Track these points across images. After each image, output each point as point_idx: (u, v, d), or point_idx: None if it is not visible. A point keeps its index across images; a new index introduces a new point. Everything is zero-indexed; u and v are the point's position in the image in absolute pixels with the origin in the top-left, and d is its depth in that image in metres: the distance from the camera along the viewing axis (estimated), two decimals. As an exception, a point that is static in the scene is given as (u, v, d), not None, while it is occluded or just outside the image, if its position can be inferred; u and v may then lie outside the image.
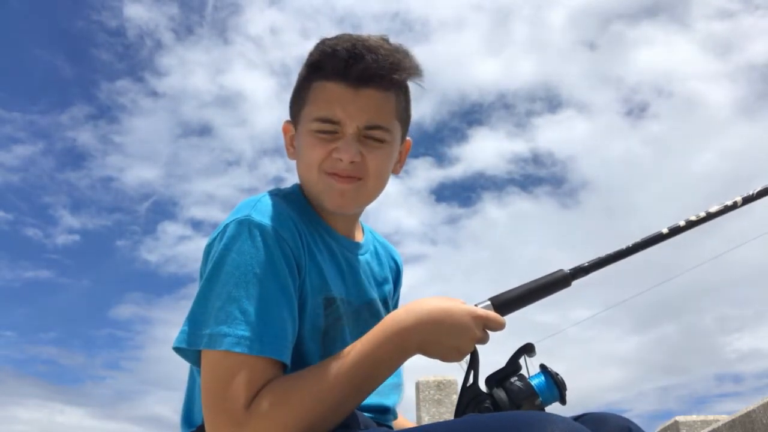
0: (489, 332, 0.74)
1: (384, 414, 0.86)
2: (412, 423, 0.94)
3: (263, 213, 0.75)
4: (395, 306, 1.01)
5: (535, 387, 0.73)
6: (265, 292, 0.71)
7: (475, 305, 0.75)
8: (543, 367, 0.76)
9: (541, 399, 0.73)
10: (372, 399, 0.78)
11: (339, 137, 0.80)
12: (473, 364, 0.74)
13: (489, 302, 0.77)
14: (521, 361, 0.75)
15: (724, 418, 3.39)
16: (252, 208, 0.75)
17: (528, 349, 0.76)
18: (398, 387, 0.91)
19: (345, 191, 0.82)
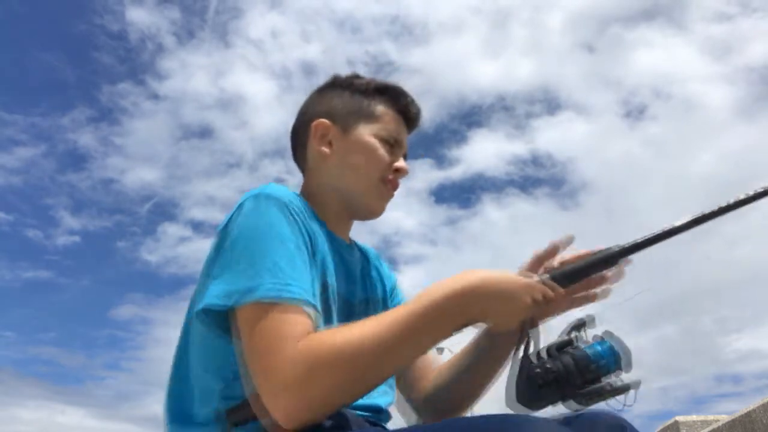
0: (544, 303, 0.74)
1: (377, 414, 0.86)
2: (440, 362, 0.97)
3: (276, 190, 0.78)
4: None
5: (591, 355, 0.71)
6: (289, 251, 0.72)
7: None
8: (606, 334, 0.74)
9: (597, 366, 0.71)
10: (364, 399, 0.78)
11: (395, 156, 0.93)
12: (526, 334, 0.73)
13: (542, 275, 0.77)
14: (579, 333, 0.74)
15: (724, 418, 3.39)
16: (265, 187, 0.78)
17: (583, 323, 0.75)
18: (392, 387, 0.92)
19: (389, 199, 0.93)
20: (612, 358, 0.72)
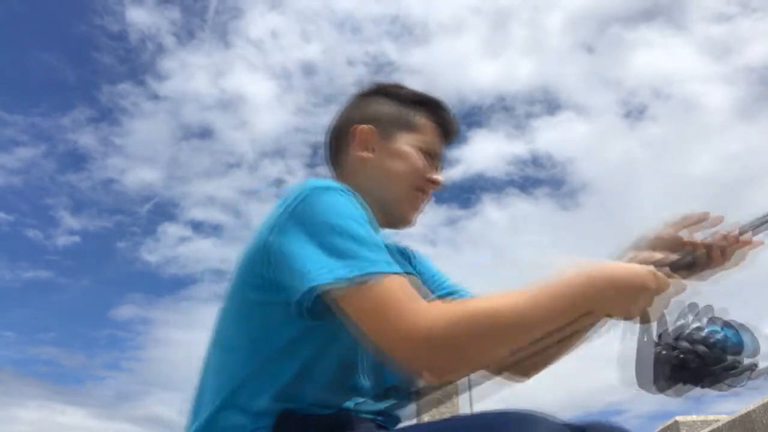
0: (667, 294, 0.75)
1: (385, 416, 0.86)
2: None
3: (344, 187, 0.79)
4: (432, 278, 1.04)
5: (719, 337, 0.72)
6: (371, 231, 0.74)
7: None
8: (727, 323, 0.74)
9: (724, 347, 0.71)
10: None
11: (432, 168, 0.95)
12: (647, 320, 0.74)
13: (660, 260, 0.79)
14: (695, 316, 0.75)
15: (725, 418, 3.39)
16: (331, 182, 0.79)
17: (696, 306, 0.75)
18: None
19: (422, 208, 0.95)
20: (736, 338, 0.72)
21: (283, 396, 0.73)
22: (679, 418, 4.11)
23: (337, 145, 0.97)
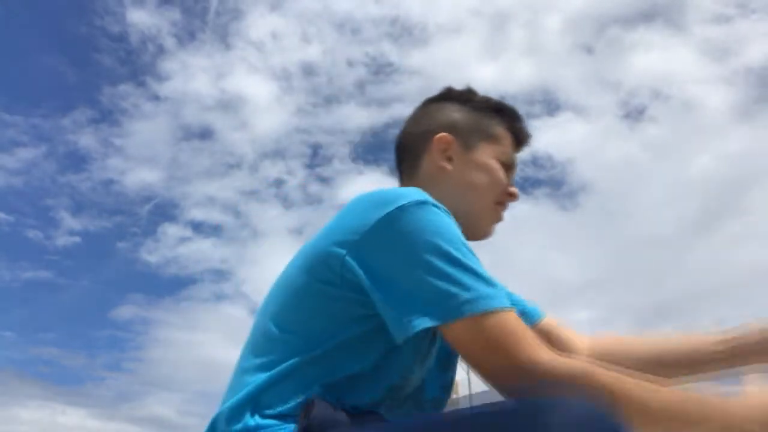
0: None
1: None
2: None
3: (436, 202, 0.75)
4: None
5: None
6: (478, 259, 0.71)
7: None
8: None
9: None
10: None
11: (509, 180, 0.94)
12: None
13: None
14: None
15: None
16: (427, 196, 0.74)
17: None
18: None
19: (498, 223, 0.93)
20: None
21: (331, 392, 0.70)
22: (679, 418, 4.10)
23: (412, 154, 0.93)
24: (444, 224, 0.71)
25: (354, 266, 0.69)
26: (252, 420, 0.70)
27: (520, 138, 0.95)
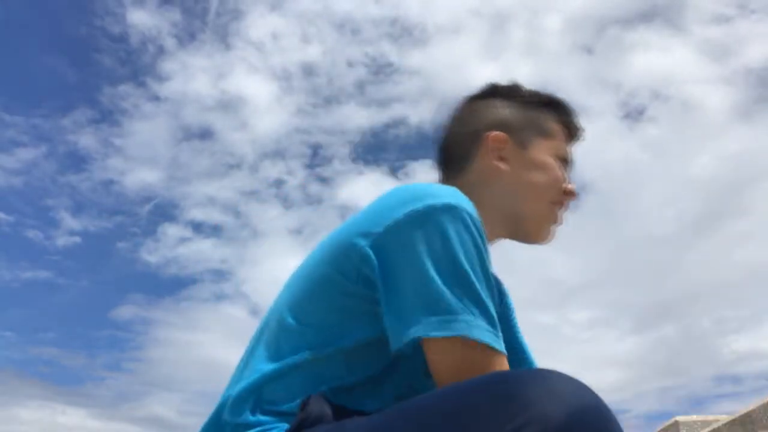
0: None
1: None
2: None
3: (472, 207, 0.70)
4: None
5: None
6: (490, 286, 0.67)
7: None
8: None
9: None
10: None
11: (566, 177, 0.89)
12: None
13: None
14: None
15: (724, 418, 3.39)
16: (459, 198, 0.69)
17: None
18: None
19: (561, 221, 0.88)
20: None
21: (336, 395, 0.67)
22: (679, 418, 4.12)
23: (460, 154, 0.88)
24: (468, 236, 0.66)
25: (371, 260, 0.67)
26: (252, 416, 0.68)
27: (573, 131, 0.91)
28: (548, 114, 0.89)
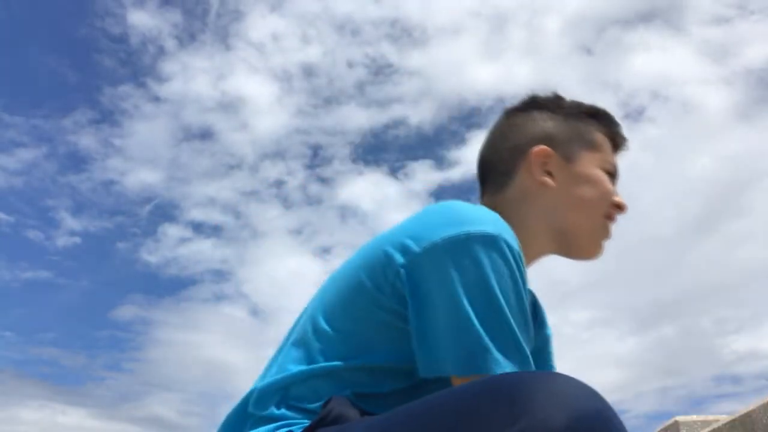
0: None
1: None
2: None
3: (512, 237, 0.67)
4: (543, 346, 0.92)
5: None
6: (525, 320, 0.65)
7: None
8: None
9: None
10: None
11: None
12: None
13: None
14: None
15: (725, 418, 3.40)
16: (502, 228, 0.67)
17: None
18: None
19: (609, 239, 0.86)
20: None
21: (361, 401, 0.67)
22: (679, 418, 4.12)
23: (500, 171, 0.85)
24: (506, 267, 0.64)
25: (405, 279, 0.66)
26: (278, 410, 0.68)
27: (618, 142, 0.89)
28: (592, 125, 0.87)
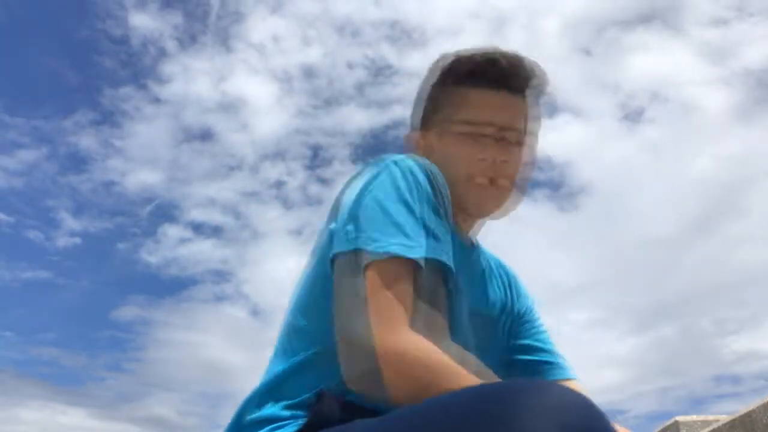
0: None
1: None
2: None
3: (424, 159, 0.75)
4: (523, 316, 0.93)
5: None
6: (437, 213, 0.70)
7: None
8: None
9: None
10: None
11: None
12: None
13: None
14: None
15: (725, 418, 3.39)
16: (411, 156, 0.75)
17: None
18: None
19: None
20: None
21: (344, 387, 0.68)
22: (679, 418, 4.12)
23: None
24: (411, 175, 0.71)
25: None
26: (267, 410, 0.70)
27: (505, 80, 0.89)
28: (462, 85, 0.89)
